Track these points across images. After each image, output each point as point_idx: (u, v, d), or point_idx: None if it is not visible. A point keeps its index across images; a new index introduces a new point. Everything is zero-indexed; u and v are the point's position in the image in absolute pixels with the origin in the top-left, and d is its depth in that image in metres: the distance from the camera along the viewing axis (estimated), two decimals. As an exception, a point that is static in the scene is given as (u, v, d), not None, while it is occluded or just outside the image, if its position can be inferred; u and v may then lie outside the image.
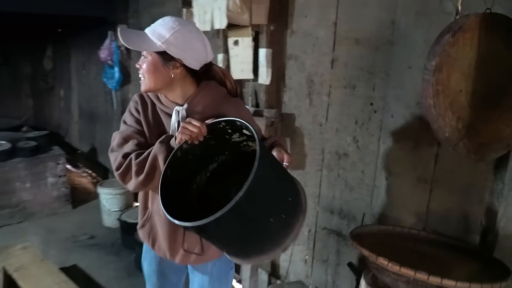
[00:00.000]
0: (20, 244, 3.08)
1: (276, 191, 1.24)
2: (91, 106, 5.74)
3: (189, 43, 1.38)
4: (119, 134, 1.48)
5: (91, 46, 5.52)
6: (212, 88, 1.50)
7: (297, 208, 1.28)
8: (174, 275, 1.74)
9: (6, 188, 4.23)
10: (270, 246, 1.25)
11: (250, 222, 1.17)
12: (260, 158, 1.09)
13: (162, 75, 1.40)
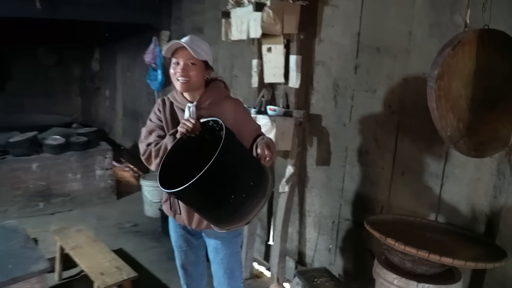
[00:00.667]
0: (75, 227, 3.50)
1: (239, 173, 1.58)
2: (134, 105, 6.18)
3: (211, 54, 1.91)
4: (145, 128, 1.98)
5: (136, 50, 5.95)
6: (216, 89, 1.95)
7: (259, 192, 1.62)
8: (194, 240, 2.16)
9: (60, 178, 4.70)
10: (235, 218, 1.62)
11: (210, 193, 1.55)
12: (225, 139, 1.49)
13: (203, 78, 1.89)
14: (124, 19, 4.80)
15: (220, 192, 1.55)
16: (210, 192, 1.55)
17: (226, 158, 1.49)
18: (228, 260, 2.10)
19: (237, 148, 1.62)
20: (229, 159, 1.53)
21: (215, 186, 1.51)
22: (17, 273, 2.31)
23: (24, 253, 2.51)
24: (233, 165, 1.56)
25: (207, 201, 1.60)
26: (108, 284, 2.64)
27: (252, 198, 1.59)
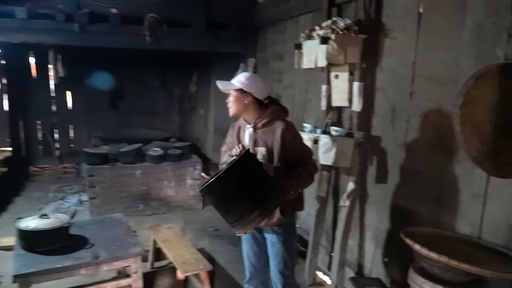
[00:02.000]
0: (166, 225, 4.11)
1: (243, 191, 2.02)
2: (224, 124, 6.85)
3: (254, 83, 2.42)
4: (222, 148, 2.64)
5: (227, 74, 6.61)
6: (268, 112, 2.43)
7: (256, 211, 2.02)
8: (258, 234, 2.62)
9: (157, 185, 5.45)
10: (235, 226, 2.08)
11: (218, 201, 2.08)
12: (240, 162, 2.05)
13: (241, 103, 2.41)
14: (216, 49, 5.50)
15: (226, 201, 2.07)
16: (219, 200, 2.09)
17: (236, 177, 2.02)
18: (282, 253, 2.50)
19: (250, 172, 2.09)
20: (239, 179, 2.03)
21: (223, 196, 2.06)
22: (119, 253, 2.92)
23: (125, 239, 3.14)
24: (240, 184, 2.03)
25: (216, 205, 2.13)
26: (188, 272, 3.15)
27: (249, 214, 2.02)
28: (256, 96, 2.43)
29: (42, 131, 7.81)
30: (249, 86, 2.41)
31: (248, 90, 2.41)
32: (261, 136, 2.42)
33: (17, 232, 2.92)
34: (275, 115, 2.43)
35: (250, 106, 2.43)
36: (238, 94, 2.42)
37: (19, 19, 4.54)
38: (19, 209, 5.58)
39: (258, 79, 2.54)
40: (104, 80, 7.76)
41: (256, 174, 2.12)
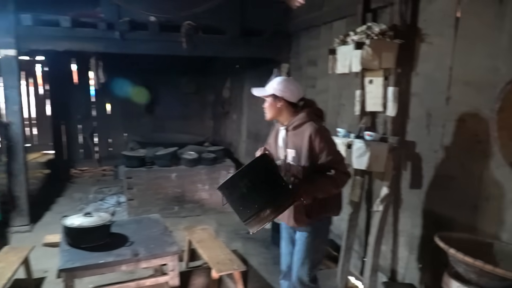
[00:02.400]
0: (201, 226, 4.22)
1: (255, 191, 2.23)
2: (256, 128, 6.94)
3: (286, 87, 2.52)
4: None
5: (260, 80, 6.70)
6: (299, 116, 2.52)
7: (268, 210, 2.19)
8: (293, 232, 2.77)
9: (192, 187, 5.59)
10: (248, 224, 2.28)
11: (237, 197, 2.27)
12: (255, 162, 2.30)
13: (274, 108, 2.54)
14: (250, 55, 5.60)
15: (240, 200, 2.28)
16: (234, 198, 2.30)
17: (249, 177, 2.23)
18: (302, 251, 2.65)
19: (263, 174, 2.29)
20: (251, 179, 2.22)
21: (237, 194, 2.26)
22: (157, 251, 3.04)
23: (162, 238, 3.25)
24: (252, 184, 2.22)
25: (232, 203, 2.34)
26: (222, 271, 3.23)
27: (260, 212, 2.21)
28: (288, 99, 2.53)
29: (83, 135, 8.14)
30: (281, 91, 2.53)
31: (280, 95, 2.53)
32: (292, 138, 2.54)
33: (63, 229, 3.09)
34: (306, 118, 2.50)
35: (284, 110, 2.55)
36: (271, 99, 2.56)
37: (63, 27, 4.79)
38: (62, 209, 5.85)
39: (290, 83, 2.60)
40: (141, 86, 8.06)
41: (269, 175, 2.29)
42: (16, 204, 4.89)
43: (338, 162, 2.48)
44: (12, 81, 4.71)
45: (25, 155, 4.98)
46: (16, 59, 4.67)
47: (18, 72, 4.75)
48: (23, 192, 4.91)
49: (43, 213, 5.66)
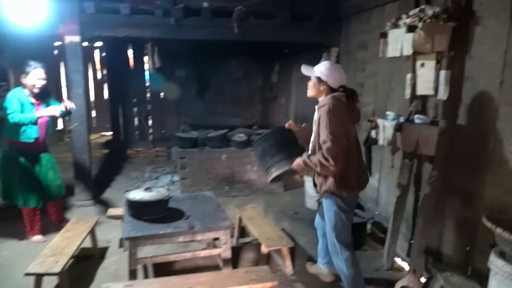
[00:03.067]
0: (251, 204, 4.41)
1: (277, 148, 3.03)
2: (304, 112, 7.02)
3: (332, 73, 2.86)
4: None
5: (309, 64, 6.77)
6: (325, 99, 2.86)
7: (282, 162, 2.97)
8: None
9: (241, 168, 5.79)
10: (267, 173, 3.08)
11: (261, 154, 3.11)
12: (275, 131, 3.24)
13: (317, 89, 2.96)
14: (300, 39, 5.66)
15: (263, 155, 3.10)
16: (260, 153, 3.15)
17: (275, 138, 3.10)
18: (329, 218, 3.05)
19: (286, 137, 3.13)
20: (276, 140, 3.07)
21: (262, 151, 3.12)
22: (211, 225, 3.25)
23: (215, 213, 3.47)
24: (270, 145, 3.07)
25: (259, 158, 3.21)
26: (271, 247, 3.41)
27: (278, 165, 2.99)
28: (331, 85, 2.87)
29: (138, 118, 8.58)
30: (326, 76, 2.85)
31: (324, 79, 2.86)
32: (317, 114, 2.89)
33: (126, 202, 3.38)
34: (325, 102, 2.79)
35: (324, 92, 2.92)
36: (316, 81, 2.94)
37: (123, 15, 5.08)
38: (120, 186, 6.27)
39: (336, 70, 2.89)
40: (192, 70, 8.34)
41: (284, 142, 3.03)
42: (81, 181, 5.30)
43: (323, 143, 2.71)
44: (76, 66, 5.07)
45: (88, 135, 5.37)
46: (80, 45, 5.02)
47: (81, 57, 5.10)
48: (87, 169, 5.32)
49: (104, 189, 6.09)
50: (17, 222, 4.45)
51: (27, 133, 4.00)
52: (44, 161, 4.26)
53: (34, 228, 4.29)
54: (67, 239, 3.52)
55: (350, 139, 2.87)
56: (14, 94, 3.95)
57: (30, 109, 3.98)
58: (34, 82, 3.96)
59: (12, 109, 3.85)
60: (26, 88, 4.01)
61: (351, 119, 2.95)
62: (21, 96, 3.95)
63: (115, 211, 4.01)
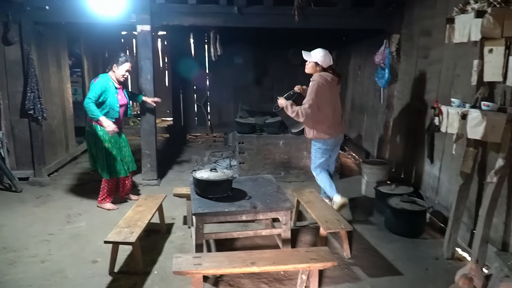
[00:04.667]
0: (308, 189, 4.52)
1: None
2: (361, 101, 6.99)
3: (325, 59, 4.26)
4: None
5: (367, 51, 6.72)
6: (317, 75, 4.23)
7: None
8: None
9: (298, 154, 5.90)
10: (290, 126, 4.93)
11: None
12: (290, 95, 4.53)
13: (314, 69, 4.34)
14: (361, 26, 5.63)
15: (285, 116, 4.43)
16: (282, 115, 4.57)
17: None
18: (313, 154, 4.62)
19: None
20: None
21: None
22: (272, 206, 3.40)
23: (276, 195, 3.61)
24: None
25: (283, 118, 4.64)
26: (330, 229, 3.51)
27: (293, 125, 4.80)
28: (323, 66, 4.26)
29: (197, 104, 8.91)
30: (321, 61, 4.24)
31: (320, 63, 4.25)
32: (309, 86, 4.30)
33: (194, 181, 3.61)
34: (315, 77, 4.21)
35: (318, 72, 4.27)
36: (313, 64, 4.30)
37: (190, 4, 5.32)
38: (181, 169, 6.61)
39: (328, 56, 4.27)
40: (250, 58, 8.51)
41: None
42: (147, 161, 5.66)
43: (304, 103, 4.19)
44: (146, 53, 5.39)
45: (155, 118, 5.70)
46: (150, 33, 5.33)
47: (151, 46, 5.40)
48: (153, 151, 5.67)
49: (167, 171, 6.45)
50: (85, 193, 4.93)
51: (110, 114, 4.54)
52: (123, 138, 4.86)
53: (108, 196, 4.82)
54: (139, 213, 3.82)
55: (327, 106, 4.26)
56: (100, 80, 4.50)
57: (114, 92, 4.54)
58: (122, 73, 4.57)
59: (91, 95, 4.37)
60: (113, 75, 4.58)
61: (334, 90, 4.37)
62: (107, 82, 4.51)
63: (180, 190, 4.26)
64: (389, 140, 5.85)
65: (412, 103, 5.17)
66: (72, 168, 6.56)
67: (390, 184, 4.84)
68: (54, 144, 6.30)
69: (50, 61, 6.14)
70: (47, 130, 5.97)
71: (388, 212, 4.24)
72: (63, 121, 6.61)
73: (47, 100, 5.98)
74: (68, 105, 6.83)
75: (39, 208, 4.90)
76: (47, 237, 4.11)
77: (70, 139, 6.90)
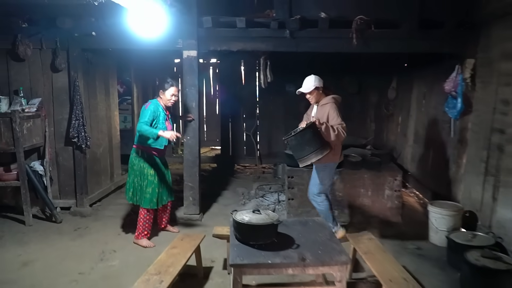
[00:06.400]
0: (366, 235, 3.90)
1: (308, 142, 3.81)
2: (426, 133, 6.25)
3: (318, 80, 4.26)
4: (304, 115, 4.66)
5: (433, 78, 6.05)
6: (327, 98, 4.26)
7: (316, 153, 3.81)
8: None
9: (353, 192, 5.28)
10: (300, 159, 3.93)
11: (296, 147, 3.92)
12: (305, 129, 3.83)
13: (318, 95, 4.32)
14: (428, 49, 5.03)
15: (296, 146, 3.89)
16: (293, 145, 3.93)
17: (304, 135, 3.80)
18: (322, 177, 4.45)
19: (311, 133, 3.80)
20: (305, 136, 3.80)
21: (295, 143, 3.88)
22: (325, 259, 2.84)
23: (330, 244, 3.05)
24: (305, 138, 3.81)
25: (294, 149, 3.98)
26: (395, 291, 2.87)
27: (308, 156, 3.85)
28: (322, 87, 4.29)
29: (246, 133, 8.54)
30: (319, 83, 4.26)
31: (319, 85, 4.26)
32: (320, 111, 4.27)
33: (233, 223, 3.13)
34: (326, 101, 4.24)
35: (320, 95, 4.33)
36: (315, 91, 4.28)
37: (238, 28, 4.99)
38: (226, 202, 6.19)
39: (318, 78, 4.29)
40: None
41: (315, 134, 3.83)
42: (189, 194, 5.29)
43: (339, 124, 4.05)
44: (192, 80, 5.11)
45: (199, 148, 5.36)
46: (196, 59, 5.05)
47: (197, 72, 5.12)
48: (196, 183, 5.30)
49: (211, 204, 6.05)
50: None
51: (160, 141, 4.41)
52: (166, 166, 4.70)
53: (145, 231, 4.52)
54: (173, 257, 3.41)
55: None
56: (152, 106, 4.36)
57: (163, 118, 4.42)
58: (169, 97, 4.43)
59: (144, 119, 4.25)
60: (161, 101, 4.45)
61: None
62: (158, 107, 4.40)
63: (221, 230, 3.82)
64: (462, 179, 5.07)
65: (492, 138, 4.42)
66: (116, 198, 6.34)
67: (465, 232, 4.10)
68: (98, 173, 6.13)
69: (98, 88, 6.06)
70: (91, 158, 5.82)
71: (466, 269, 3.51)
72: (109, 149, 6.47)
73: (93, 127, 5.86)
74: (115, 132, 6.70)
75: (74, 242, 4.64)
76: (77, 277, 3.80)
77: (115, 167, 6.73)
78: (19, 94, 5.29)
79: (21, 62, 5.37)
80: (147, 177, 4.40)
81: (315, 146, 3.80)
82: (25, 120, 5.08)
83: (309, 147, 3.81)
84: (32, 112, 5.24)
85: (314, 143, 3.80)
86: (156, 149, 4.45)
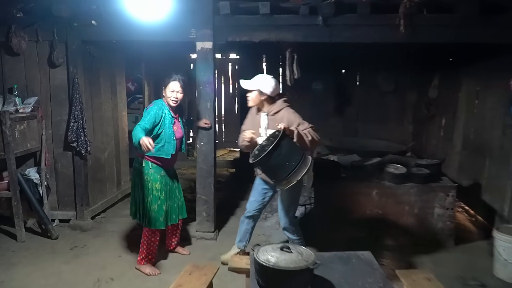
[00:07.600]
0: (423, 273, 3.07)
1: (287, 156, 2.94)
2: (481, 139, 5.34)
3: (268, 84, 3.46)
4: (242, 127, 3.71)
5: (489, 74, 5.16)
6: (277, 104, 3.51)
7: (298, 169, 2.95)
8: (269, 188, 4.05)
9: (396, 210, 4.44)
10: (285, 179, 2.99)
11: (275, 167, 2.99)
12: (279, 139, 2.88)
13: (258, 99, 3.50)
14: (492, 39, 4.14)
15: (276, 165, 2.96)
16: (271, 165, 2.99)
17: (280, 148, 2.90)
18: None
19: (288, 143, 3.00)
20: (282, 149, 2.91)
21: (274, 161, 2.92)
22: (382, 323, 2.05)
23: (384, 297, 2.25)
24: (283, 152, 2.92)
25: (273, 170, 3.07)
26: None
27: (294, 172, 2.95)
28: (270, 94, 3.47)
29: (268, 135, 7.77)
30: (266, 89, 3.45)
31: (264, 91, 3.45)
32: (273, 121, 3.41)
33: (255, 265, 2.37)
34: (280, 106, 3.50)
35: (265, 101, 3.51)
36: (258, 93, 3.48)
37: (260, 15, 4.20)
38: (245, 215, 5.42)
39: (273, 81, 3.49)
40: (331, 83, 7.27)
41: (291, 143, 3.06)
42: (203, 209, 4.57)
43: (310, 127, 3.40)
44: (206, 77, 4.37)
45: (215, 155, 4.62)
46: (212, 52, 4.31)
47: (213, 67, 4.38)
48: (211, 196, 4.57)
49: (228, 217, 5.33)
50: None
51: (165, 149, 3.66)
52: (175, 178, 3.98)
53: (149, 255, 3.80)
54: (178, 300, 2.67)
55: None
56: (155, 107, 3.62)
57: (169, 122, 3.67)
58: (169, 95, 3.66)
59: (141, 123, 3.46)
60: (165, 100, 3.72)
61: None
62: (162, 109, 3.64)
63: (239, 262, 3.06)
64: (531, 196, 4.19)
65: None
66: (122, 209, 5.65)
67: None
68: (103, 181, 5.46)
69: (102, 86, 5.38)
70: (94, 165, 5.16)
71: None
72: (115, 153, 5.80)
73: (97, 130, 5.20)
74: (123, 135, 6.02)
75: (68, 265, 3.97)
76: (63, 316, 3.11)
77: (123, 173, 6.06)
78: (13, 93, 4.67)
79: (16, 56, 4.72)
80: (152, 192, 3.68)
81: (296, 158, 2.97)
82: (17, 122, 4.43)
83: (290, 161, 2.95)
84: (27, 113, 4.60)
85: (296, 153, 2.99)
86: (161, 159, 3.69)
